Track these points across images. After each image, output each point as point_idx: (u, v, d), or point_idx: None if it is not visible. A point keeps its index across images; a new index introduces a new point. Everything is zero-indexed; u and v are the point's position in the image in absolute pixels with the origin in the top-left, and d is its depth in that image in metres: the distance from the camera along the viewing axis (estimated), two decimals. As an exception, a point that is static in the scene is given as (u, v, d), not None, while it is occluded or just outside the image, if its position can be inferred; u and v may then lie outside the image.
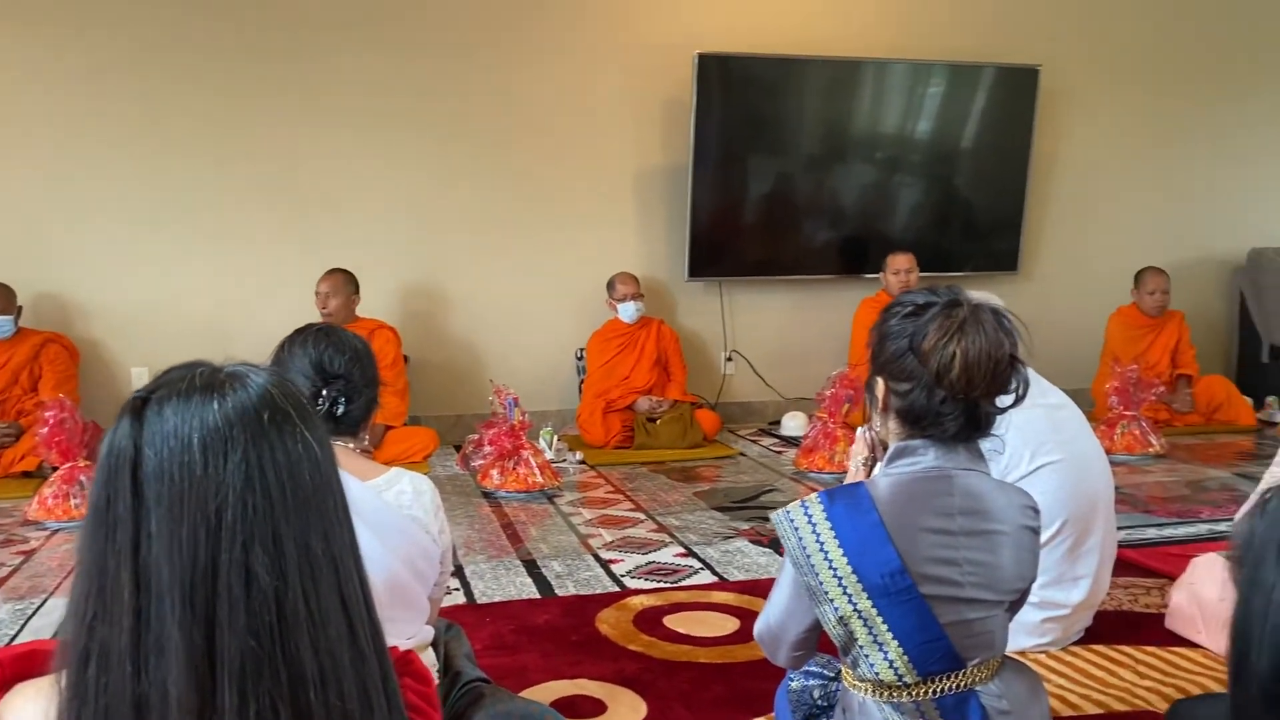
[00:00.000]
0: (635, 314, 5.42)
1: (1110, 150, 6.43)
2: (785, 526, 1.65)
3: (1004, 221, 6.22)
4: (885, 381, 1.70)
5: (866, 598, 1.58)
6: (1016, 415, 2.50)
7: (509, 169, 5.65)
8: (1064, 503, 2.55)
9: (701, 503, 4.26)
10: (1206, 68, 6.50)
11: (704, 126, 5.62)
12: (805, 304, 6.13)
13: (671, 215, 5.84)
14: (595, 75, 5.70)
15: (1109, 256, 6.35)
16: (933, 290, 1.69)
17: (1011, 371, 1.63)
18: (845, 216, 6.08)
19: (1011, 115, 6.07)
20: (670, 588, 3.21)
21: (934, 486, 1.64)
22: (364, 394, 1.97)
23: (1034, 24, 6.19)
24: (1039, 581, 2.52)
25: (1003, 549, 1.65)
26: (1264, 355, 6.30)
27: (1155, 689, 2.37)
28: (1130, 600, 3.00)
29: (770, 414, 6.07)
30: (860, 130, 6.00)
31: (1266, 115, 6.63)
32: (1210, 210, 6.63)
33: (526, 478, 4.35)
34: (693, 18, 5.76)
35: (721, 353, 6.07)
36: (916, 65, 5.94)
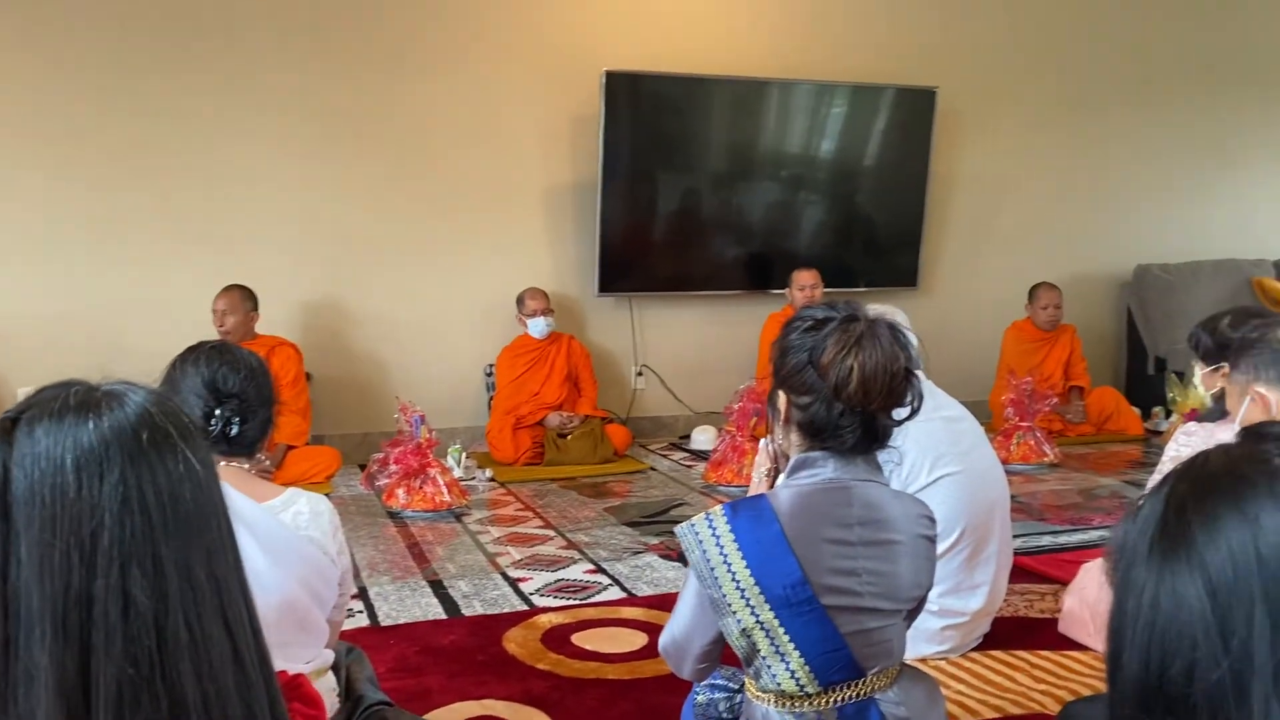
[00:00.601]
0: (545, 329, 5.41)
1: (1003, 170, 6.65)
2: (689, 539, 1.66)
3: (904, 238, 6.37)
4: (786, 395, 1.72)
5: (769, 609, 1.59)
6: (917, 427, 2.57)
7: (415, 183, 5.59)
8: (962, 512, 2.62)
9: (612, 518, 4.26)
10: (1094, 92, 6.77)
11: (613, 143, 5.65)
12: (714, 319, 6.19)
13: (581, 231, 5.84)
14: (503, 91, 5.68)
15: (1004, 272, 6.56)
16: (831, 305, 1.72)
17: (906, 384, 1.66)
18: (752, 233, 6.16)
19: (910, 135, 6.24)
20: (579, 605, 3.20)
21: (834, 497, 1.66)
22: (259, 413, 1.92)
23: (931, 47, 6.38)
24: (939, 590, 2.59)
25: (900, 558, 1.68)
26: (1150, 367, 6.57)
27: (1049, 692, 2.44)
28: (1026, 606, 3.09)
29: (681, 428, 6.10)
30: (766, 149, 6.09)
31: (1150, 138, 6.94)
32: (1099, 228, 6.90)
33: (433, 496, 4.29)
34: (600, 35, 5.79)
35: (632, 367, 6.09)
36: (820, 86, 6.07)
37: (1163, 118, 6.94)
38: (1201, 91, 7.00)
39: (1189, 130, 7.01)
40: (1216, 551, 0.77)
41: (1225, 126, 7.09)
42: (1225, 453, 0.84)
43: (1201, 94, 7.00)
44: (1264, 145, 7.22)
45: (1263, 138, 7.20)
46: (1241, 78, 7.09)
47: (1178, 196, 7.06)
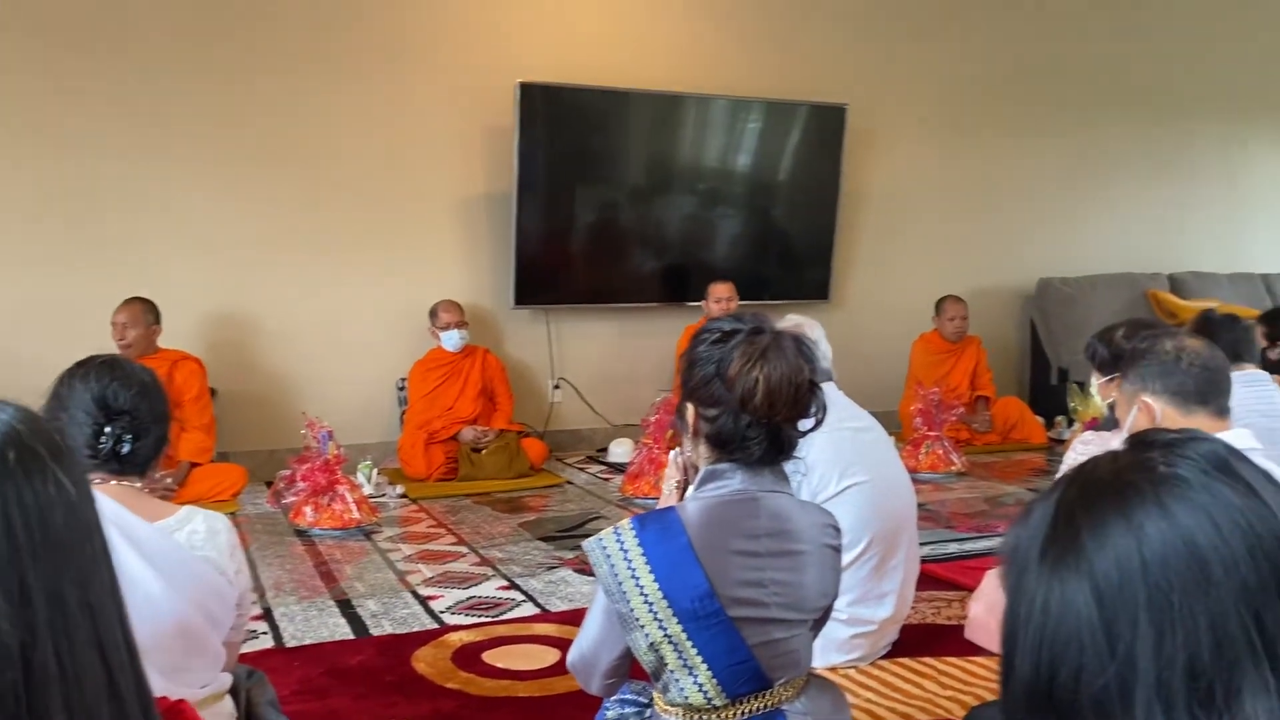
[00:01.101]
0: (459, 342, 5.34)
1: (911, 185, 6.80)
2: (597, 554, 1.65)
3: (816, 252, 6.47)
4: (694, 407, 1.72)
5: (676, 622, 1.59)
6: (825, 438, 2.60)
7: (325, 193, 5.49)
8: (870, 522, 2.65)
9: (526, 533, 4.21)
10: (997, 111, 6.97)
11: (528, 155, 5.62)
12: (631, 331, 6.20)
13: (496, 243, 5.80)
14: (416, 101, 5.62)
15: (912, 285, 6.70)
16: (739, 318, 1.73)
17: (811, 396, 1.68)
18: (669, 246, 6.19)
19: (822, 151, 6.34)
20: (491, 622, 3.15)
21: (741, 509, 1.66)
22: (153, 431, 1.85)
23: (841, 65, 6.50)
24: (847, 599, 2.62)
25: (806, 568, 1.69)
26: (1053, 378, 6.77)
27: (955, 698, 2.48)
28: (933, 613, 3.14)
29: (598, 441, 6.09)
30: (683, 162, 6.14)
31: (1052, 155, 7.16)
32: (1003, 242, 7.10)
33: (342, 514, 4.20)
34: (515, 47, 5.76)
35: (549, 380, 6.05)
36: (736, 101, 6.13)
37: (1064, 137, 7.18)
38: (1100, 112, 7.26)
39: (1089, 149, 7.26)
40: (1103, 558, 0.79)
41: (1123, 146, 7.37)
42: (1112, 460, 0.86)
43: (1100, 115, 7.26)
44: (1159, 164, 7.51)
45: (1157, 157, 7.50)
46: (1140, 100, 7.37)
47: (1078, 212, 7.31)
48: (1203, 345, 2.15)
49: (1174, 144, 7.54)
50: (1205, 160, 7.68)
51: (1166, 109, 7.48)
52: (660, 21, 6.13)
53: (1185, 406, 2.10)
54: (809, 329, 2.80)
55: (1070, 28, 7.15)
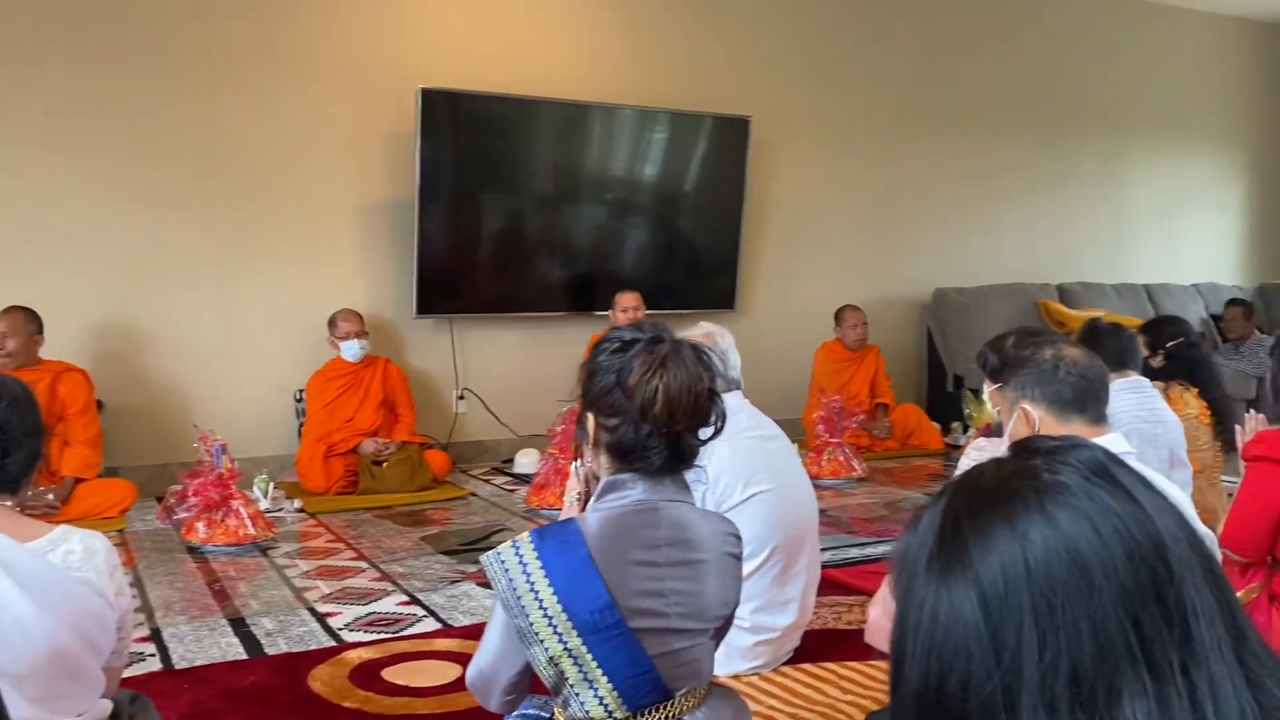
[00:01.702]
0: (359, 352, 5.23)
1: (812, 197, 6.92)
2: (495, 569, 1.62)
3: (722, 262, 6.53)
4: (595, 417, 1.71)
5: (576, 635, 1.57)
6: (731, 446, 2.62)
7: (221, 199, 5.33)
8: (774, 530, 2.67)
9: (429, 547, 4.14)
10: (895, 125, 7.15)
11: (431, 162, 5.54)
12: (537, 341, 6.15)
13: (398, 251, 5.70)
14: (315, 104, 5.50)
15: (815, 294, 6.81)
16: (638, 327, 1.73)
17: (711, 404, 1.68)
18: (576, 255, 6.17)
19: (727, 162, 6.41)
20: (391, 638, 3.08)
21: (642, 519, 1.66)
22: (25, 446, 1.76)
23: (746, 78, 6.58)
24: (750, 606, 2.63)
25: (707, 577, 1.69)
26: (949, 385, 6.95)
27: (855, 702, 2.51)
28: (834, 618, 3.18)
29: (504, 452, 6.02)
30: (590, 172, 6.13)
31: (946, 169, 7.37)
32: (901, 253, 7.27)
33: (237, 530, 4.06)
34: (417, 53, 5.69)
35: (453, 391, 5.97)
36: (642, 112, 6.15)
37: (960, 151, 7.39)
38: (994, 128, 7.50)
39: (983, 163, 7.49)
40: (989, 565, 0.79)
41: (1015, 161, 7.62)
42: (997, 468, 0.87)
43: (994, 130, 7.51)
44: (1049, 178, 7.79)
45: (1047, 172, 7.78)
46: (1030, 117, 7.64)
47: (973, 224, 7.53)
48: (1081, 354, 2.22)
49: (1062, 159, 7.83)
50: (1091, 175, 8.00)
51: (1055, 126, 7.77)
52: (567, 31, 6.12)
53: (1062, 414, 2.16)
54: (720, 337, 2.81)
55: (965, 47, 7.37)
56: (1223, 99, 8.64)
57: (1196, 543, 0.82)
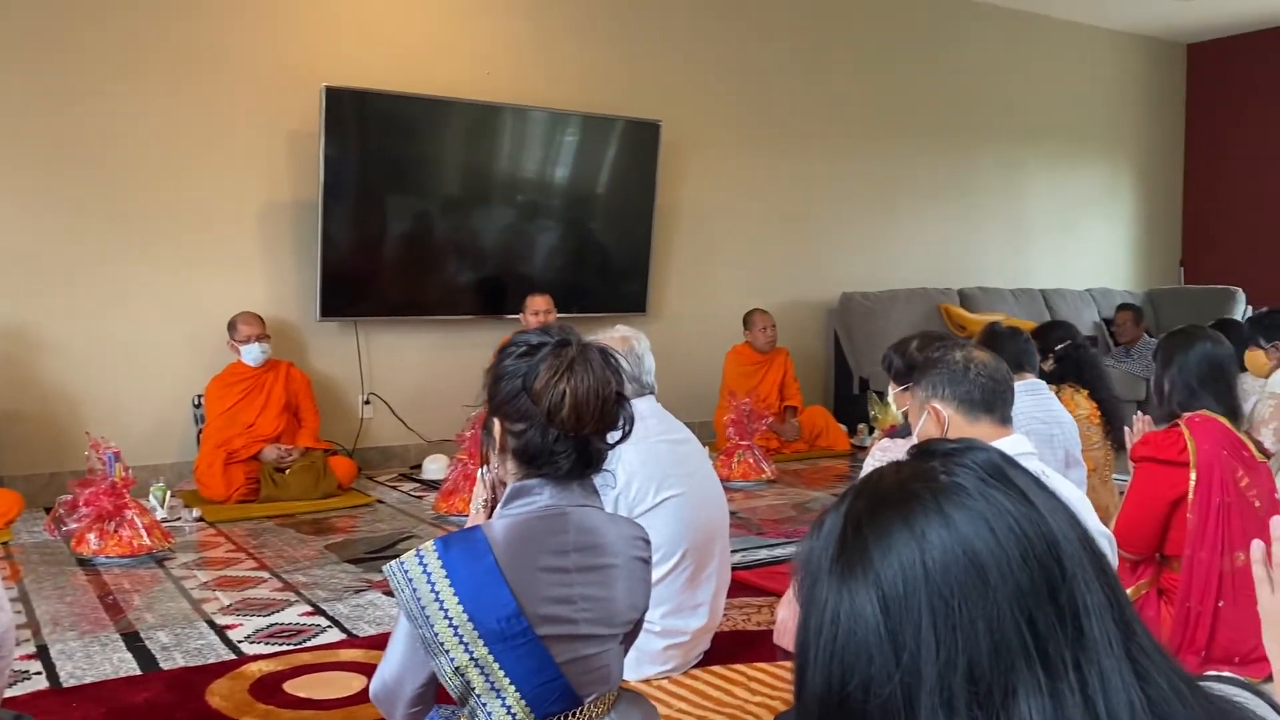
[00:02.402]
0: (260, 356, 5.09)
1: (721, 202, 6.98)
2: (399, 578, 1.58)
3: (633, 265, 6.54)
4: (501, 422, 1.69)
5: (483, 645, 1.54)
6: (643, 451, 2.62)
7: (115, 198, 5.14)
8: (685, 534, 2.68)
9: (333, 556, 4.05)
10: (800, 132, 7.26)
11: (336, 162, 5.43)
12: (446, 344, 6.07)
13: (301, 252, 5.57)
14: (215, 102, 5.34)
15: (725, 298, 6.87)
16: (545, 330, 1.71)
17: (619, 408, 1.67)
18: (486, 258, 6.11)
19: (638, 165, 6.42)
20: (294, 650, 3.00)
21: (549, 525, 1.64)
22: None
23: (656, 82, 6.61)
24: (661, 610, 2.63)
25: (616, 582, 1.68)
26: (855, 387, 7.07)
27: (764, 703, 2.53)
28: (744, 619, 3.20)
29: (412, 458, 5.93)
30: (501, 174, 6.07)
31: (853, 176, 7.51)
32: (808, 258, 7.38)
33: (131, 540, 3.91)
34: (322, 50, 5.57)
35: (359, 396, 5.85)
36: (553, 114, 6.12)
37: (865, 158, 7.54)
38: (899, 136, 7.67)
39: (888, 171, 7.66)
40: (888, 567, 0.80)
41: (918, 168, 7.81)
42: (896, 470, 0.88)
43: (898, 139, 7.68)
44: (950, 186, 8.00)
45: (949, 180, 7.98)
46: (933, 126, 7.83)
47: (878, 230, 7.68)
48: (989, 357, 2.28)
49: (964, 168, 8.06)
50: (991, 183, 8.24)
51: (958, 135, 7.98)
52: (478, 31, 6.06)
53: (971, 414, 2.22)
54: (636, 341, 2.81)
55: (872, 58, 7.53)
56: (1115, 112, 8.99)
57: (1087, 541, 0.84)
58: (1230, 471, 2.73)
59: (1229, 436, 2.78)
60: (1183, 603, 2.73)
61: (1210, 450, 2.73)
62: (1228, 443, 2.77)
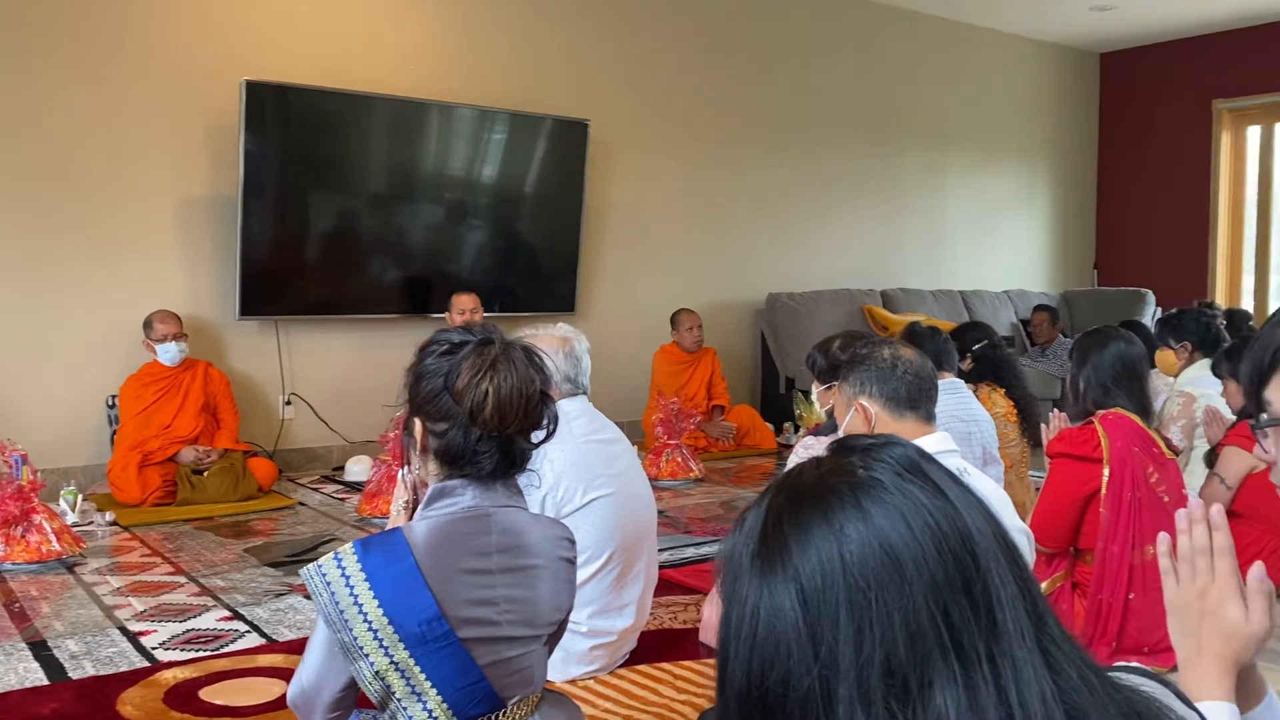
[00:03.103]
0: (177, 355, 4.96)
1: (650, 202, 6.99)
2: (317, 582, 1.55)
3: (562, 264, 6.51)
4: (422, 422, 1.67)
5: (403, 648, 1.52)
6: (573, 451, 2.60)
7: (26, 193, 4.95)
8: (613, 534, 2.67)
9: (253, 559, 3.95)
10: (728, 134, 7.30)
11: (256, 157, 5.31)
12: (370, 344, 5.98)
13: (220, 249, 5.43)
14: (130, 94, 5.18)
15: (654, 298, 6.88)
16: (467, 329, 1.69)
17: (543, 407, 1.66)
18: (412, 256, 6.03)
19: (567, 164, 6.39)
20: (210, 656, 2.92)
21: (472, 526, 1.62)
22: None
23: (585, 81, 6.59)
24: (588, 611, 2.62)
25: (540, 583, 1.67)
26: (781, 387, 7.14)
27: (690, 701, 2.54)
28: (671, 618, 3.21)
29: (334, 459, 5.83)
30: (427, 171, 6.00)
31: (781, 177, 7.58)
32: (735, 259, 7.43)
33: (39, 546, 3.77)
34: (241, 41, 5.44)
35: (280, 396, 5.73)
36: (481, 111, 6.06)
37: (792, 160, 7.62)
38: (824, 139, 7.77)
39: (814, 173, 7.75)
40: (807, 561, 0.80)
41: (843, 171, 7.92)
42: (816, 465, 0.88)
43: (824, 141, 7.77)
44: (874, 189, 8.12)
45: (872, 182, 8.11)
46: (858, 129, 7.95)
47: (804, 232, 7.77)
48: (916, 355, 2.31)
49: (888, 171, 8.19)
50: (914, 186, 8.39)
51: (882, 139, 8.11)
52: (404, 26, 5.98)
53: (897, 411, 2.25)
54: (575, 342, 2.79)
55: (798, 60, 7.61)
56: (1032, 118, 9.22)
57: (1001, 534, 0.85)
58: (1141, 468, 2.82)
59: (1140, 434, 2.87)
60: (1095, 595, 2.81)
61: (1123, 447, 2.81)
62: (1139, 440, 2.85)
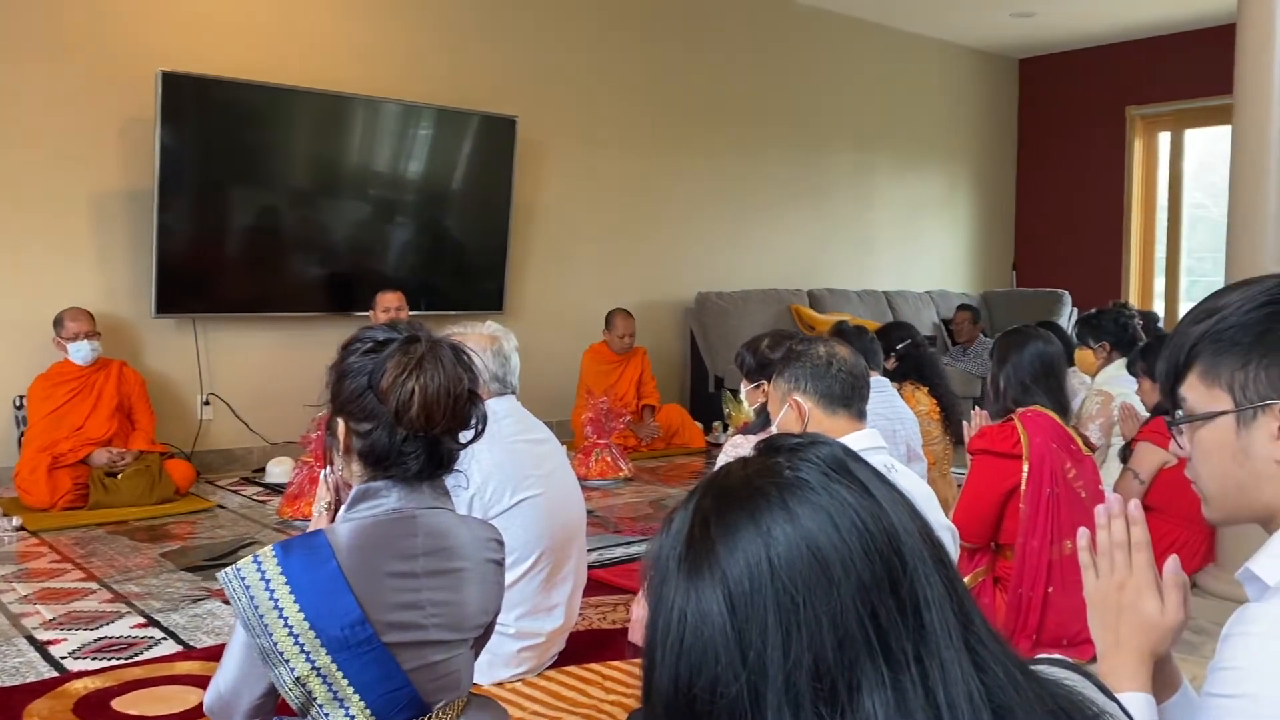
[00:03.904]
0: (89, 354, 4.79)
1: (579, 200, 6.97)
2: (235, 586, 1.51)
3: (490, 263, 6.45)
4: (346, 422, 1.63)
5: (325, 653, 1.48)
6: (501, 451, 2.57)
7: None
8: (543, 535, 2.64)
9: (170, 564, 3.84)
10: (662, 132, 7.31)
11: (173, 150, 5.16)
12: (292, 343, 5.85)
13: (135, 245, 5.27)
14: (41, 85, 4.99)
15: (584, 296, 6.86)
16: (392, 326, 1.66)
17: (471, 406, 1.63)
18: (336, 253, 5.91)
19: (494, 162, 6.33)
20: (124, 664, 2.83)
21: (397, 529, 1.59)
22: None
23: (513, 78, 6.54)
24: (516, 613, 2.59)
25: (467, 586, 1.64)
26: (711, 386, 7.18)
27: (619, 702, 2.53)
28: (600, 618, 3.19)
29: (255, 461, 5.69)
30: (352, 166, 5.89)
31: (711, 177, 7.61)
32: (665, 258, 7.45)
33: (-60, 553, 3.62)
34: (158, 30, 5.28)
35: (198, 396, 5.58)
36: (407, 107, 5.98)
37: (721, 161, 7.66)
38: (753, 140, 7.82)
39: (743, 173, 7.80)
40: (734, 565, 0.79)
41: (772, 171, 7.98)
42: (742, 466, 0.87)
43: (753, 142, 7.83)
44: (802, 190, 8.21)
45: (800, 184, 8.19)
46: (787, 130, 8.02)
47: (733, 232, 7.81)
48: (850, 353, 2.33)
49: (816, 172, 8.28)
50: (839, 187, 8.49)
51: (810, 140, 8.20)
52: (326, 19, 5.86)
53: (831, 408, 2.26)
54: (504, 340, 2.76)
55: (730, 62, 7.65)
56: (954, 122, 9.40)
57: (927, 532, 0.85)
58: (1060, 464, 2.88)
59: (1059, 431, 2.94)
60: (1015, 589, 2.87)
61: (1041, 444, 2.88)
62: (1057, 437, 2.92)
